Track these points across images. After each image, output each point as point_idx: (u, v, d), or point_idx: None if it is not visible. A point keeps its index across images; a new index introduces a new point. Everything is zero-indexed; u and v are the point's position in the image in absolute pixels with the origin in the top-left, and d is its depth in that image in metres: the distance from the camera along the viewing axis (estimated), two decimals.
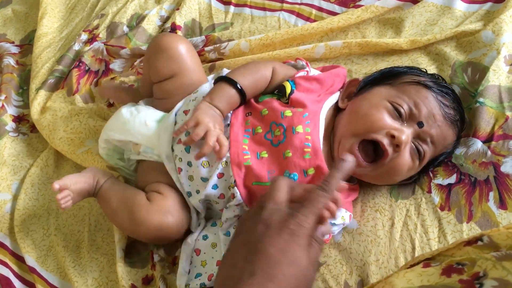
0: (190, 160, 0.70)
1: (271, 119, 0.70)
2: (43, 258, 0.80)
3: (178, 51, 0.76)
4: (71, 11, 1.22)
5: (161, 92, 0.80)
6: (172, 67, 0.76)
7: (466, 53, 0.83)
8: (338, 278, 0.68)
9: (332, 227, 0.68)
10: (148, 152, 0.76)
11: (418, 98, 0.67)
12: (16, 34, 1.22)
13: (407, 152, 0.67)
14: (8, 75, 1.07)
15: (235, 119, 0.72)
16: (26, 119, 1.01)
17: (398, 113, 0.67)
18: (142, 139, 0.75)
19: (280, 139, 0.68)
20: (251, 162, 0.67)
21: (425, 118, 0.67)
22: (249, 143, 0.69)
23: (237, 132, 0.70)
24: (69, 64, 1.04)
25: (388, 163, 0.66)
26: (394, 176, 0.69)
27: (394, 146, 0.65)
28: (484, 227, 0.68)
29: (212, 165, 0.69)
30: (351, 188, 0.71)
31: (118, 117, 0.78)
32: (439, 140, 0.68)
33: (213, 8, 1.09)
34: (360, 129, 0.67)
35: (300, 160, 0.67)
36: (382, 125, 0.66)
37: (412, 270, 0.47)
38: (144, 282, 0.73)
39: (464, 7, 0.91)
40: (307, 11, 1.03)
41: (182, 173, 0.71)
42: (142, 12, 1.12)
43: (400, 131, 0.65)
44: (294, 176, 0.67)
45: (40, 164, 0.92)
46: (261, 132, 0.70)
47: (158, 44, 0.78)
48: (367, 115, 0.68)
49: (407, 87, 0.70)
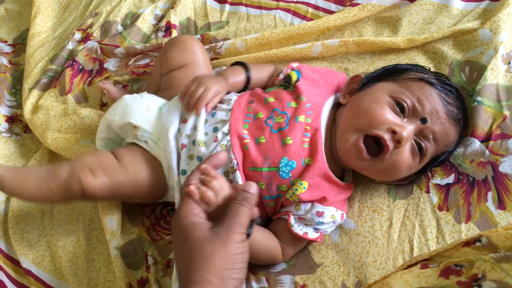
0: (194, 139, 0.71)
1: (275, 106, 0.71)
2: (40, 259, 0.79)
3: (192, 45, 0.84)
4: (64, 10, 1.21)
5: (169, 81, 0.83)
6: (184, 57, 0.82)
7: (463, 52, 0.83)
8: (336, 279, 0.68)
9: (321, 225, 0.68)
10: (144, 136, 0.75)
11: (422, 94, 0.67)
12: (9, 33, 1.21)
13: (407, 148, 0.66)
14: (1, 75, 1.06)
15: (237, 106, 0.73)
16: (19, 119, 1.00)
17: (401, 108, 0.67)
18: (142, 122, 0.75)
19: (282, 126, 0.69)
20: (249, 147, 0.68)
21: (429, 114, 0.66)
22: (249, 128, 0.70)
23: (238, 118, 0.71)
24: (62, 63, 1.03)
25: (388, 158, 0.65)
26: (393, 173, 0.68)
27: (395, 141, 0.65)
28: (483, 227, 0.68)
29: (208, 145, 0.69)
30: (344, 186, 0.70)
31: (120, 102, 0.79)
32: (441, 137, 0.67)
33: (208, 7, 1.08)
34: (362, 124, 0.67)
35: (300, 149, 0.67)
36: (384, 120, 0.65)
37: (410, 271, 0.46)
38: (139, 284, 0.73)
39: (461, 5, 0.91)
40: (303, 10, 1.02)
41: (185, 150, 0.71)
42: (136, 11, 1.11)
43: (401, 126, 0.65)
44: (292, 164, 0.67)
45: (33, 164, 0.90)
46: (262, 117, 0.70)
47: (175, 39, 0.86)
48: (369, 110, 0.67)
49: (410, 83, 0.69)
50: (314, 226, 0.68)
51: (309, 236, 0.68)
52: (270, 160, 0.67)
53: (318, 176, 0.67)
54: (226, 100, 0.75)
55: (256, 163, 0.67)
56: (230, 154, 0.68)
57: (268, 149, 0.68)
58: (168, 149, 0.72)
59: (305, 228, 0.68)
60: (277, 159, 0.67)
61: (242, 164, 0.68)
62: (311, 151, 0.67)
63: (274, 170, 0.67)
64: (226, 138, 0.69)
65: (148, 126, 0.75)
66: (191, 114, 0.73)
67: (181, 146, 0.72)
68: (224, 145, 0.68)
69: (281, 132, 0.68)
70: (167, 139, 0.72)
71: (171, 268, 0.70)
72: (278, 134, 0.68)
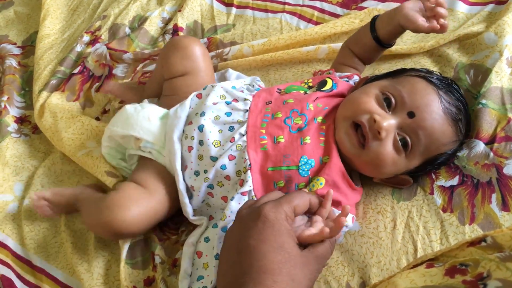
0: (202, 139, 0.71)
1: (294, 107, 0.71)
2: (54, 256, 0.80)
3: (194, 51, 0.82)
4: (73, 12, 1.22)
5: (171, 89, 0.83)
6: (186, 65, 0.81)
7: (468, 55, 0.83)
8: (340, 279, 0.68)
9: None
10: (147, 147, 0.77)
11: (415, 88, 0.66)
12: (18, 36, 1.22)
13: (390, 141, 0.65)
14: (10, 76, 1.07)
15: (255, 106, 0.73)
16: (28, 120, 1.01)
17: (388, 102, 0.67)
18: (144, 134, 0.76)
19: (301, 127, 0.69)
20: (267, 148, 0.68)
21: (418, 108, 0.64)
22: (267, 127, 0.70)
23: (255, 118, 0.71)
24: (71, 65, 1.05)
25: (371, 150, 0.65)
26: (378, 166, 0.67)
27: (375, 131, 0.64)
28: (487, 229, 0.68)
29: (223, 144, 0.70)
30: (355, 188, 0.71)
31: (122, 113, 0.80)
32: (434, 134, 0.65)
33: (215, 10, 1.09)
34: (348, 112, 0.68)
35: (317, 147, 0.68)
36: (366, 109, 0.66)
37: (415, 271, 0.46)
38: (145, 283, 0.73)
39: (466, 9, 0.91)
40: (309, 13, 1.03)
41: (193, 151, 0.72)
42: (144, 14, 1.12)
43: (382, 117, 0.65)
44: (311, 162, 0.67)
45: (47, 164, 0.92)
46: (280, 116, 0.71)
47: (177, 43, 0.83)
48: (356, 99, 0.68)
49: (409, 78, 0.69)
50: None
51: None
52: (289, 159, 0.67)
53: (334, 172, 0.67)
54: (240, 99, 0.75)
55: (275, 163, 0.68)
56: (245, 154, 0.68)
57: (287, 148, 0.68)
58: (173, 151, 0.73)
59: None
60: (296, 158, 0.67)
61: (260, 165, 0.68)
62: (326, 150, 0.68)
63: (293, 169, 0.67)
64: (242, 139, 0.70)
65: (150, 137, 0.76)
66: (196, 116, 0.74)
67: (188, 149, 0.73)
68: (240, 145, 0.69)
69: (299, 132, 0.69)
70: (172, 141, 0.73)
71: (178, 267, 0.71)
72: (297, 134, 0.69)
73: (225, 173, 0.69)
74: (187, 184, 0.74)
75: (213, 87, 0.77)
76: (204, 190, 0.72)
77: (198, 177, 0.72)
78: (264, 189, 0.69)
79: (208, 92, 0.77)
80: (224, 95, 0.76)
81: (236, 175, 0.69)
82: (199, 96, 0.77)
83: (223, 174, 0.70)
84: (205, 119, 0.72)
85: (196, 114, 0.74)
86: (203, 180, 0.71)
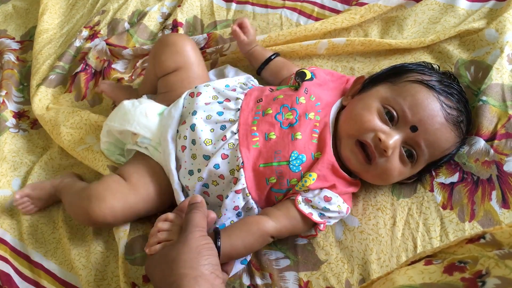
0: (194, 138, 0.71)
1: (284, 103, 0.72)
2: (52, 251, 0.80)
3: (183, 46, 0.82)
4: (72, 7, 1.22)
5: (165, 86, 0.83)
6: (176, 60, 0.81)
7: (469, 52, 0.83)
8: (340, 276, 0.68)
9: (326, 212, 0.68)
10: (144, 142, 0.77)
11: (416, 100, 0.66)
12: (17, 30, 1.22)
13: (396, 156, 0.66)
14: (8, 71, 1.07)
15: (246, 105, 0.73)
16: (27, 115, 1.01)
17: (390, 116, 0.67)
18: (140, 129, 0.76)
19: (292, 122, 0.69)
20: (259, 145, 0.69)
21: (420, 122, 0.65)
22: (258, 124, 0.70)
23: (247, 116, 0.72)
24: (70, 60, 1.04)
25: (380, 165, 0.67)
26: (386, 179, 0.70)
27: (382, 150, 0.65)
28: (487, 226, 0.68)
29: (215, 143, 0.70)
30: (351, 181, 0.71)
31: (119, 108, 0.80)
32: (436, 143, 0.66)
33: (214, 5, 1.09)
34: (352, 130, 0.68)
35: (309, 144, 0.68)
36: (371, 128, 0.66)
37: (414, 267, 0.46)
38: (144, 279, 0.73)
39: (467, 5, 0.91)
40: (309, 9, 1.02)
41: (186, 151, 0.72)
42: (143, 9, 1.12)
43: (387, 135, 0.65)
44: (302, 157, 0.68)
45: (45, 159, 0.92)
46: (271, 112, 0.71)
47: (165, 40, 0.84)
48: (358, 116, 0.68)
49: (408, 86, 0.68)
50: (320, 211, 0.68)
51: (313, 217, 0.68)
52: (280, 155, 0.68)
53: (327, 168, 0.67)
54: (233, 98, 0.75)
55: (267, 159, 0.68)
56: (237, 152, 0.68)
57: (278, 144, 0.68)
58: (167, 151, 0.73)
59: (311, 209, 0.68)
60: (287, 153, 0.68)
61: (253, 162, 0.68)
62: (319, 146, 0.69)
63: (284, 164, 0.67)
64: (234, 137, 0.70)
65: (147, 132, 0.76)
66: (189, 115, 0.74)
67: (181, 148, 0.73)
68: (232, 144, 0.69)
69: (291, 127, 0.69)
70: (166, 141, 0.74)
71: None
72: (288, 130, 0.69)
73: (218, 172, 0.69)
74: (182, 184, 0.74)
75: (205, 87, 0.77)
76: (199, 189, 0.72)
77: (192, 176, 0.72)
78: (257, 186, 0.69)
79: (200, 92, 0.76)
80: (216, 95, 0.76)
81: (229, 174, 0.69)
82: (192, 94, 0.77)
83: (216, 173, 0.70)
84: (197, 118, 0.72)
85: (189, 113, 0.75)
86: (197, 179, 0.71)
